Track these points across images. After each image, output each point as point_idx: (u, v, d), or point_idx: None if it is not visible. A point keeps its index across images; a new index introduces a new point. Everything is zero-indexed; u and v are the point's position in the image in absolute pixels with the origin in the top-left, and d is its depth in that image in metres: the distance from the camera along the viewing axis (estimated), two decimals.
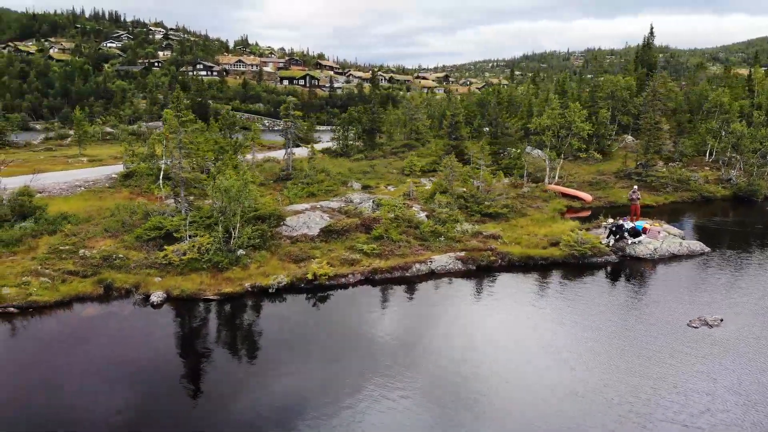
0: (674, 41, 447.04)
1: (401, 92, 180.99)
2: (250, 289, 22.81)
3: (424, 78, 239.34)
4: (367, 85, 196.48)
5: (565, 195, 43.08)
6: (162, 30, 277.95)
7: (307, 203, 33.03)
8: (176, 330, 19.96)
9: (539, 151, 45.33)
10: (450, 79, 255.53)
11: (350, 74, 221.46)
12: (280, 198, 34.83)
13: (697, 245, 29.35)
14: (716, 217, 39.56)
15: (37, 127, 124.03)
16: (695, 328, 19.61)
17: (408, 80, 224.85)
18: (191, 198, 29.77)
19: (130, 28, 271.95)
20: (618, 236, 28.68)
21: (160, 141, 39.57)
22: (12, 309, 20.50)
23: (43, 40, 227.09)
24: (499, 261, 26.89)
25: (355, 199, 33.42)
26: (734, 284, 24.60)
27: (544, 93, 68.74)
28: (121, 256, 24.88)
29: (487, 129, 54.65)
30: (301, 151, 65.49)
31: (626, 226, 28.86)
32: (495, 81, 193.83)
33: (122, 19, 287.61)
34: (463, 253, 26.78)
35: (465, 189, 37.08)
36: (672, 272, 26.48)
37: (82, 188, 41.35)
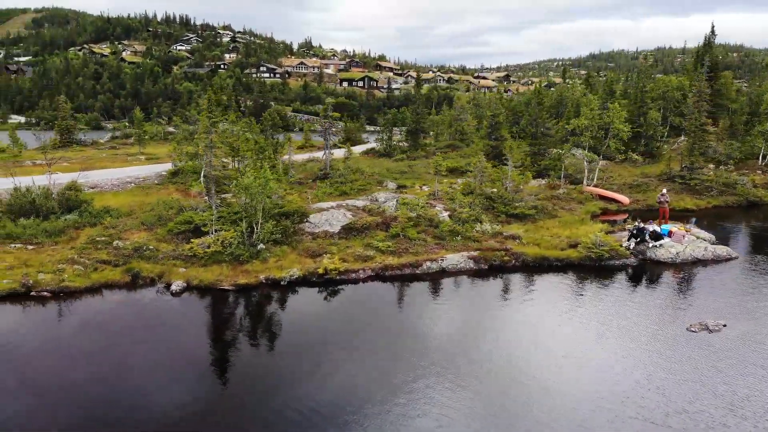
0: (750, 40, 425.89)
1: (458, 92, 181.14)
2: (264, 281, 24.07)
3: (483, 78, 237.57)
4: (425, 86, 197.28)
5: (602, 197, 42.59)
6: (229, 33, 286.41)
7: (334, 201, 34.17)
8: (190, 316, 21.34)
9: (582, 151, 44.84)
10: (511, 78, 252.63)
11: (408, 75, 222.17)
12: (309, 196, 36.12)
13: (724, 250, 28.67)
14: (758, 222, 38.24)
15: (109, 126, 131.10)
16: (694, 332, 19.43)
17: (467, 80, 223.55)
18: (225, 195, 31.46)
19: (199, 32, 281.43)
20: (639, 239, 28.38)
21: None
22: (45, 293, 22.45)
23: (116, 42, 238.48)
24: (513, 261, 27.17)
25: (381, 198, 34.30)
26: (754, 291, 23.98)
27: (596, 93, 67.51)
28: (151, 247, 26.67)
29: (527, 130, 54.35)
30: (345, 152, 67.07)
31: (648, 229, 28.50)
32: (558, 81, 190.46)
33: (192, 22, 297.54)
34: (476, 253, 27.22)
35: (495, 190, 37.35)
36: (690, 277, 26.04)
37: (132, 184, 44.04)
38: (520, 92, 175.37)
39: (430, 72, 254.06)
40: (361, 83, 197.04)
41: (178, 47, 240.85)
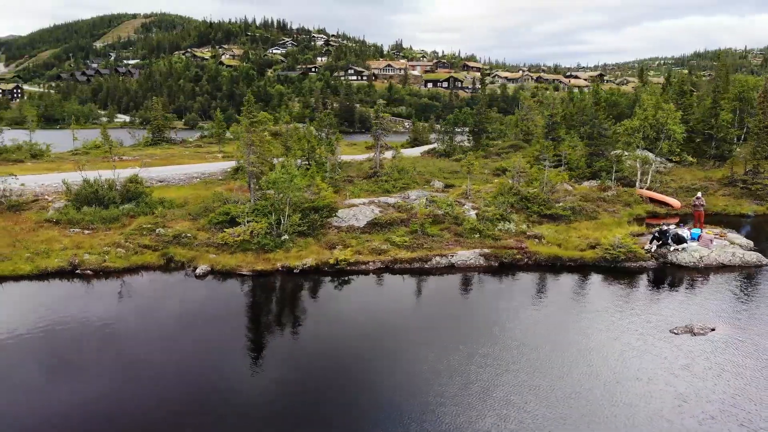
0: None
1: (548, 92, 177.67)
2: (280, 268, 26.01)
3: (575, 77, 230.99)
4: (511, 86, 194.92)
5: (653, 200, 41.58)
6: (323, 36, 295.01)
7: (367, 198, 35.69)
8: (208, 295, 23.60)
9: (633, 153, 43.89)
10: (605, 78, 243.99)
11: (495, 75, 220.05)
12: (347, 192, 37.87)
13: (754, 257, 27.63)
14: None
15: (205, 126, 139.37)
16: (676, 334, 19.38)
17: (557, 79, 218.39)
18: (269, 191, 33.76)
19: (295, 35, 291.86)
20: (661, 242, 27.93)
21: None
22: (89, 271, 25.47)
23: (217, 47, 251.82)
24: (526, 260, 27.59)
25: (412, 196, 35.45)
26: (766, 298, 23.30)
27: (669, 93, 65.07)
28: (189, 235, 29.31)
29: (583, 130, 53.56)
30: (411, 151, 68.46)
31: (671, 232, 27.99)
32: (656, 80, 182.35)
33: (288, 26, 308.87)
34: (488, 250, 27.87)
35: (534, 189, 37.52)
36: (708, 282, 25.43)
37: (198, 179, 47.57)
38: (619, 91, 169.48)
39: (520, 71, 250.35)
40: (445, 84, 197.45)
41: (274, 51, 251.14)
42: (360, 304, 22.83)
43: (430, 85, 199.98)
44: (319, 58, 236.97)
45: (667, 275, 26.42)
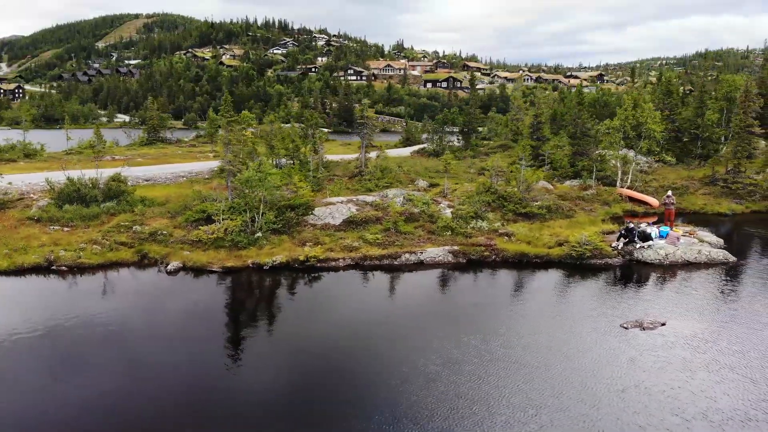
0: None
1: (547, 92, 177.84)
2: (251, 265, 26.52)
3: (575, 77, 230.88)
4: (509, 85, 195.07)
5: (632, 199, 41.97)
6: (325, 37, 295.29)
7: (346, 197, 36.17)
8: (176, 290, 24.13)
9: (614, 152, 44.28)
10: (605, 78, 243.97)
11: (495, 75, 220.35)
12: (327, 191, 38.37)
13: (721, 254, 28.04)
14: None
15: (204, 125, 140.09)
16: (626, 329, 19.82)
17: (556, 79, 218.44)
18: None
19: (296, 36, 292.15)
20: (627, 240, 28.36)
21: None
22: (64, 267, 26.03)
23: (218, 47, 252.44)
24: (493, 257, 28.06)
25: (390, 195, 35.90)
26: (723, 293, 23.68)
27: (656, 92, 65.37)
28: (165, 232, 29.83)
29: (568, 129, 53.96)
30: (401, 151, 68.97)
31: (636, 230, 28.42)
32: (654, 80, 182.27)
33: (290, 26, 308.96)
34: (457, 247, 28.35)
35: (512, 188, 37.94)
36: (669, 278, 25.87)
37: (184, 178, 48.08)
38: (611, 92, 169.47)
39: (520, 71, 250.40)
40: (444, 84, 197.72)
41: (274, 51, 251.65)
42: (326, 301, 23.37)
43: (429, 85, 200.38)
44: (319, 59, 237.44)
45: (631, 272, 26.86)
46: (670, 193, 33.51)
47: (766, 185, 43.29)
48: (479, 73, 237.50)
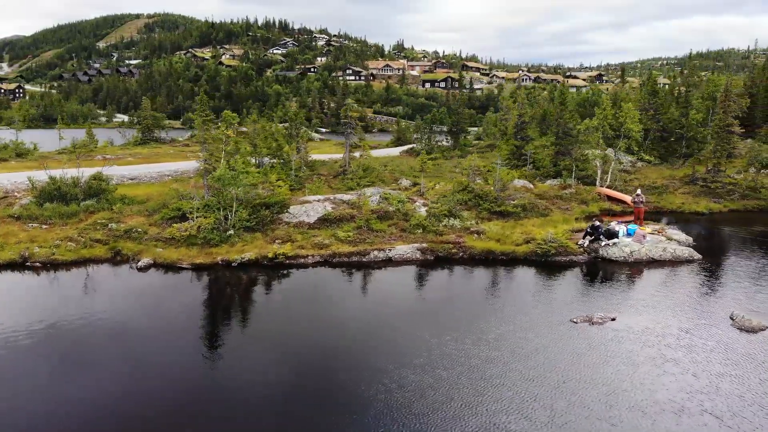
0: None
1: (545, 92, 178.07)
2: (220, 262, 26.99)
3: (574, 77, 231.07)
4: (508, 86, 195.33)
5: (610, 198, 42.37)
6: (325, 37, 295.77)
7: (324, 195, 36.65)
8: (144, 286, 24.59)
9: (594, 152, 44.76)
10: (604, 78, 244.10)
11: (494, 75, 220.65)
12: (307, 190, 38.87)
13: (686, 252, 28.44)
14: (764, 227, 36.71)
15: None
16: (575, 323, 20.25)
17: (555, 79, 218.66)
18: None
19: (296, 36, 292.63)
20: (593, 237, 28.79)
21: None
22: (38, 263, 26.56)
23: (218, 47, 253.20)
24: (461, 254, 28.51)
25: (368, 193, 36.35)
26: (681, 289, 24.10)
27: (641, 92, 65.79)
28: (140, 230, 30.35)
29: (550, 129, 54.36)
30: (391, 151, 69.44)
31: (602, 227, 28.86)
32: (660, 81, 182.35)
33: (290, 26, 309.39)
34: (426, 244, 28.80)
35: (486, 187, 38.40)
36: (630, 275, 26.26)
37: (169, 177, 48.65)
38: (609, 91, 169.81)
39: (519, 71, 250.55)
40: (443, 84, 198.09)
41: (274, 51, 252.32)
42: (290, 297, 23.76)
43: (428, 85, 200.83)
44: (319, 59, 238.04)
45: (595, 269, 27.26)
46: (639, 191, 33.93)
47: (745, 185, 43.58)
48: (478, 73, 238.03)
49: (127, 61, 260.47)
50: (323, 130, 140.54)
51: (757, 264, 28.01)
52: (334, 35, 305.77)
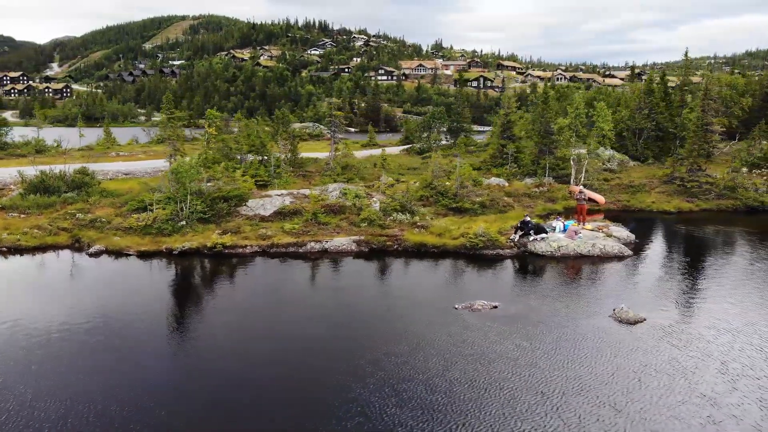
0: None
1: (579, 91, 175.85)
2: (164, 249, 28.96)
3: (611, 76, 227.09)
4: (541, 84, 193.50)
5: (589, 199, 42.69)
6: (364, 37, 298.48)
7: (287, 189, 38.35)
8: (89, 270, 26.70)
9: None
10: (642, 76, 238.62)
11: (528, 74, 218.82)
12: (276, 184, 40.68)
13: (616, 248, 28.92)
14: (724, 226, 36.46)
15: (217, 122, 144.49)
16: (456, 309, 21.26)
17: (591, 78, 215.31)
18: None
19: (335, 36, 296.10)
20: (523, 232, 29.58)
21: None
22: (4, 248, 29.09)
23: (257, 48, 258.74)
24: (395, 246, 29.73)
25: (330, 189, 37.87)
26: (588, 285, 24.84)
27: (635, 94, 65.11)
28: (104, 219, 32.66)
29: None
30: (394, 149, 70.65)
31: (531, 223, 29.67)
32: (696, 80, 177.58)
33: (330, 27, 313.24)
34: (362, 237, 30.13)
35: (449, 184, 39.39)
36: (545, 268, 27.01)
37: (162, 172, 51.16)
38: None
39: (557, 70, 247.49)
40: (475, 83, 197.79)
41: (311, 51, 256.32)
42: (218, 284, 25.49)
43: (459, 84, 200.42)
44: (354, 59, 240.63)
45: (519, 263, 28.08)
46: (581, 188, 34.43)
47: (723, 184, 43.25)
48: (514, 72, 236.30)
49: (170, 62, 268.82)
50: (352, 129, 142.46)
51: (682, 261, 28.42)
52: (373, 35, 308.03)
